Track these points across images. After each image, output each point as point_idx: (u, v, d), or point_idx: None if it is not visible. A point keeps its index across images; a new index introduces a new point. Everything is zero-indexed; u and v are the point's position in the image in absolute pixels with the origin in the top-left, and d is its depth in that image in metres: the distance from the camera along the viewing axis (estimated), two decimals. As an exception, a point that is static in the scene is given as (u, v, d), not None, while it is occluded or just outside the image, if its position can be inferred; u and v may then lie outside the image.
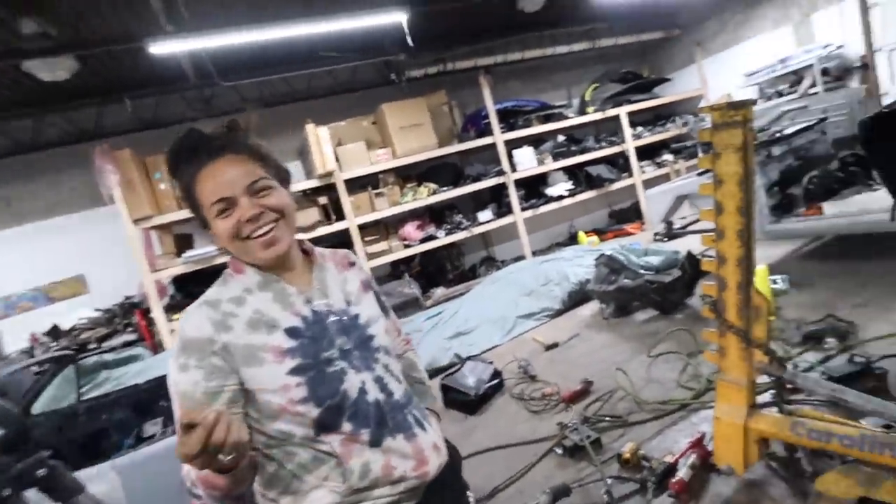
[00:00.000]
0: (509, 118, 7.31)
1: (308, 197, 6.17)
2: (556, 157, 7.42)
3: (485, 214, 7.00)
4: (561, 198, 7.30)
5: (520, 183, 7.13)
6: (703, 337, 2.13)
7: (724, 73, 7.81)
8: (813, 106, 5.01)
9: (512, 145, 7.14)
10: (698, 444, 2.24)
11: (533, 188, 7.40)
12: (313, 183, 6.07)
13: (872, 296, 3.34)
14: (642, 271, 4.21)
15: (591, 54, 8.38)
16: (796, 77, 6.52)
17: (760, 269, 3.57)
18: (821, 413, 2.03)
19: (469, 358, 3.99)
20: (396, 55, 6.50)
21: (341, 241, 6.11)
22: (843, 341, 2.88)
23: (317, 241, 1.51)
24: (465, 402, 3.45)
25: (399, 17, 5.21)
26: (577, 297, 5.00)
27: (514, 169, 7.04)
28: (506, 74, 7.91)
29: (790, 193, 4.09)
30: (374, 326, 1.22)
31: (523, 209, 7.05)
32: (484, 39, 7.17)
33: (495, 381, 3.61)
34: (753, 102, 1.75)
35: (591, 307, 4.82)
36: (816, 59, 6.21)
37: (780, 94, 6.53)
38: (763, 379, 2.14)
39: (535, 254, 7.12)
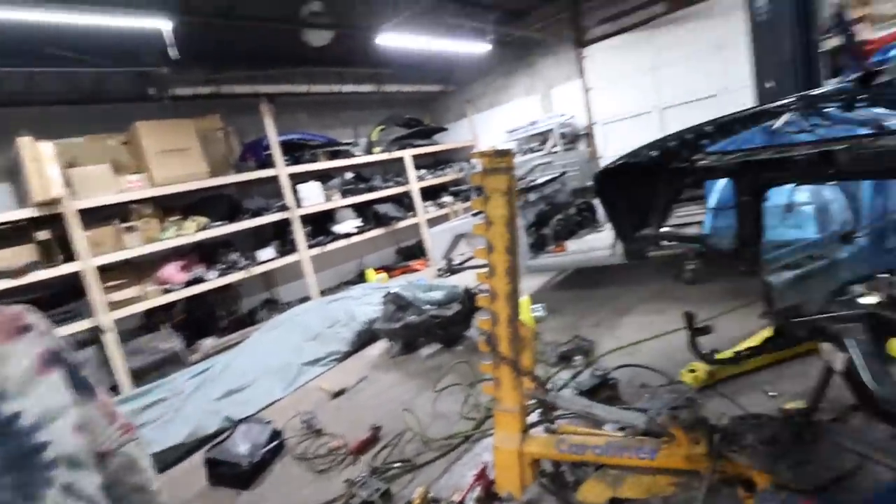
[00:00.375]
0: (294, 151, 6.96)
1: (19, 231, 4.68)
2: (344, 193, 7.33)
3: (266, 252, 6.40)
4: (349, 235, 7.20)
5: (306, 219, 6.78)
6: (481, 369, 2.18)
7: (490, 127, 9.02)
8: (556, 161, 6.15)
9: (297, 179, 6.78)
10: (482, 475, 2.26)
11: (320, 225, 7.13)
12: (28, 213, 4.66)
13: (603, 317, 4.06)
14: (427, 307, 4.33)
15: (377, 97, 8.71)
16: (543, 137, 7.90)
17: (524, 300, 4.02)
18: (574, 427, 2.26)
19: (242, 420, 3.43)
20: (157, 66, 5.59)
21: (70, 288, 4.79)
22: (587, 357, 3.38)
23: (30, 290, 0.98)
24: (236, 476, 2.91)
25: (161, 24, 4.48)
26: (366, 337, 4.86)
27: (299, 204, 6.67)
28: (291, 106, 7.59)
29: (543, 234, 4.77)
30: (51, 427, 0.82)
31: (310, 246, 6.71)
32: (265, 66, 6.76)
33: (274, 444, 3.15)
34: (513, 152, 1.91)
35: (380, 346, 4.74)
36: (556, 125, 7.69)
37: (532, 150, 7.79)
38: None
39: (323, 293, 6.79)
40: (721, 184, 1.37)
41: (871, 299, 1.16)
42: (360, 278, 7.58)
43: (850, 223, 1.24)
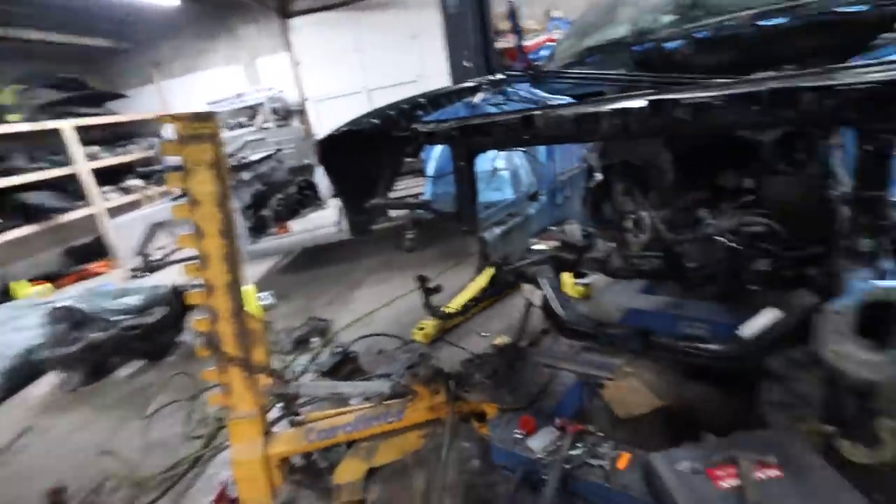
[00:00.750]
0: None
1: None
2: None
3: None
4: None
5: None
6: (204, 377, 1.85)
7: (187, 98, 7.75)
8: (269, 138, 5.73)
9: None
10: (222, 496, 1.96)
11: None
12: None
13: (336, 294, 4.06)
14: (119, 317, 3.45)
15: (7, 46, 6.35)
16: (252, 112, 7.26)
17: (248, 289, 3.65)
18: (323, 412, 2.17)
19: None
20: None
21: None
22: (324, 337, 3.32)
23: None
24: None
25: None
26: (23, 375, 3.54)
27: None
28: None
29: (262, 215, 4.42)
30: None
31: None
32: None
33: None
34: (216, 116, 1.60)
35: (49, 381, 3.54)
36: (266, 100, 7.15)
37: (241, 126, 7.07)
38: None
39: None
40: (437, 153, 1.46)
41: (551, 245, 1.44)
42: (5, 296, 5.52)
43: (534, 185, 1.50)
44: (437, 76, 6.28)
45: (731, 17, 1.52)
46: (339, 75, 7.32)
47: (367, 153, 1.43)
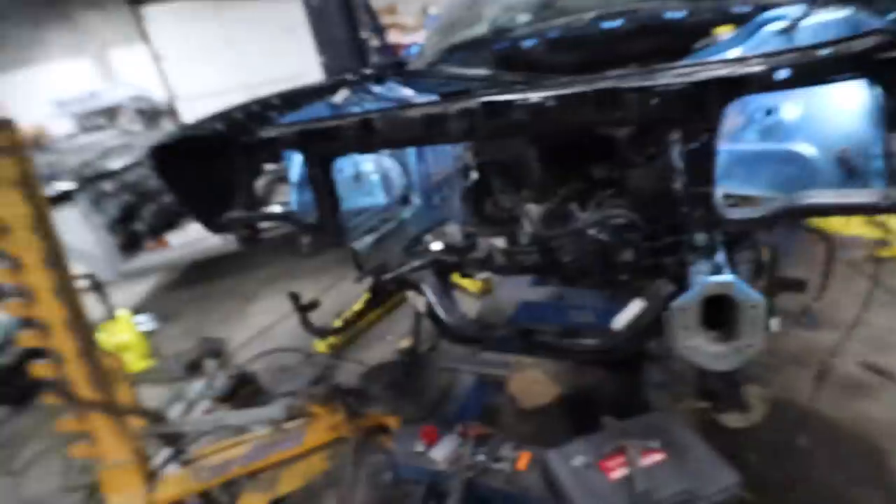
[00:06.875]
0: None
1: None
2: None
3: None
4: None
5: None
6: (59, 429, 1.62)
7: (26, 98, 6.64)
8: (137, 143, 5.07)
9: None
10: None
11: None
12: None
13: (230, 309, 3.76)
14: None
15: None
16: (112, 113, 6.43)
17: (123, 315, 3.27)
18: (217, 444, 1.99)
19: None
20: None
21: None
22: (219, 358, 3.06)
23: None
24: None
25: None
26: None
27: None
28: None
29: (134, 230, 3.95)
30: None
31: None
32: None
33: None
34: (13, 123, 1.33)
35: None
36: (129, 99, 6.34)
37: (100, 128, 6.24)
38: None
39: None
40: (300, 158, 1.35)
41: (434, 247, 1.40)
42: None
43: (406, 188, 1.45)
44: (320, 72, 5.98)
45: (575, 18, 1.57)
46: (212, 71, 6.71)
47: (215, 161, 1.28)
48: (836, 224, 2.73)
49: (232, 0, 6.48)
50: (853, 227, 2.60)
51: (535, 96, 0.89)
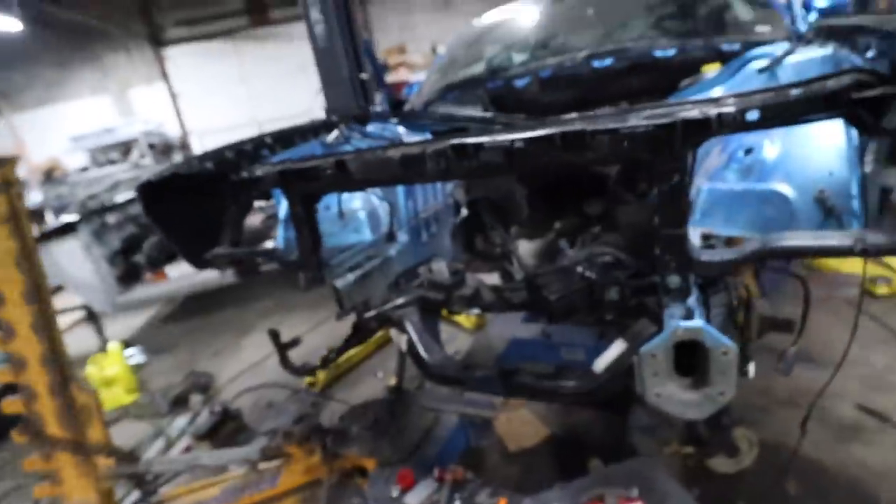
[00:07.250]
0: None
1: None
2: None
3: None
4: None
5: None
6: (27, 468, 1.55)
7: (46, 133, 6.92)
8: (146, 176, 5.17)
9: None
10: None
11: None
12: None
13: (223, 343, 3.70)
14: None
15: None
16: (126, 147, 6.62)
17: (114, 348, 3.23)
18: (191, 484, 1.91)
19: None
20: None
21: None
22: (206, 393, 2.98)
23: None
24: None
25: None
26: None
27: None
28: None
29: (134, 262, 3.96)
30: None
31: None
32: None
33: None
34: (14, 161, 1.37)
35: None
36: (142, 134, 6.55)
37: (112, 162, 6.42)
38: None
39: None
40: (286, 196, 1.35)
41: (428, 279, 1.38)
42: None
43: (393, 225, 1.44)
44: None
45: (568, 57, 1.60)
46: (225, 107, 6.96)
47: (203, 198, 1.28)
48: (832, 261, 2.68)
49: (250, 40, 6.76)
50: (850, 264, 2.55)
51: (504, 138, 0.88)
